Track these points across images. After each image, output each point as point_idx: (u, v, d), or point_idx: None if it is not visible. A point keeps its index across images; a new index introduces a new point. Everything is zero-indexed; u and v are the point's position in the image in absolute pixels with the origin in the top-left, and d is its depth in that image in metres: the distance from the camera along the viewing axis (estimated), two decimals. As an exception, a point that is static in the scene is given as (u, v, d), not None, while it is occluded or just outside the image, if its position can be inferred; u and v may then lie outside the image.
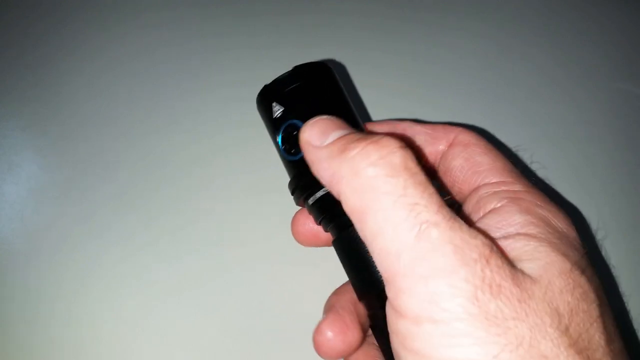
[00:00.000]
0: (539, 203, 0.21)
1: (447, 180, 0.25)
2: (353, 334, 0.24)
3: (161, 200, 0.34)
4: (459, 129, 0.26)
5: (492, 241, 0.18)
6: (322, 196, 0.23)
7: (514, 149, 0.35)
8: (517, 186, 0.22)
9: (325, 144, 0.20)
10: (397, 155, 0.19)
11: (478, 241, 0.18)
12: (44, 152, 0.36)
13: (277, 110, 0.24)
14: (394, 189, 0.18)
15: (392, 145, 0.19)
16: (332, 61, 0.38)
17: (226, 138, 0.36)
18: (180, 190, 0.35)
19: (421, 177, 0.18)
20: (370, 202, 0.18)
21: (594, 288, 0.19)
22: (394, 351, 0.19)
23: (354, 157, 0.19)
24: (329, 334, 0.24)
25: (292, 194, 0.25)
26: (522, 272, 0.18)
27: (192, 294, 0.32)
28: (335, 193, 0.20)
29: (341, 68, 0.38)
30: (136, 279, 0.33)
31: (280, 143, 0.24)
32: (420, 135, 0.26)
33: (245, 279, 0.33)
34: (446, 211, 0.18)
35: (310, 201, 0.24)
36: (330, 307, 0.25)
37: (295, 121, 0.24)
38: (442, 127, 0.26)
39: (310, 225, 0.27)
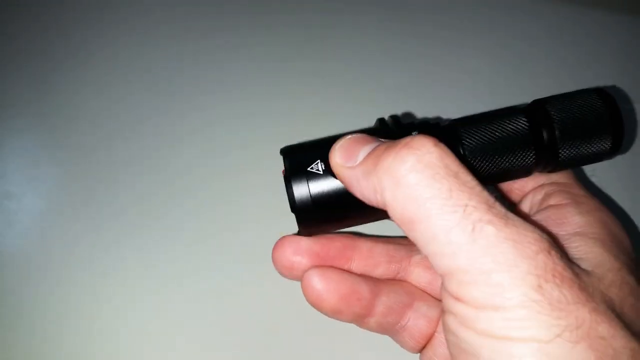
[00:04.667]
0: (597, 207, 0.23)
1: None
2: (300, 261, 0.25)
3: (180, 209, 0.35)
4: None
5: (549, 235, 0.19)
6: None
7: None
8: (580, 191, 0.24)
9: (358, 162, 0.21)
10: (433, 155, 0.18)
11: (536, 234, 0.18)
12: (63, 165, 0.37)
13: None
14: (438, 193, 0.18)
15: (427, 145, 0.19)
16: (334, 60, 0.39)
17: (242, 153, 0.37)
18: (200, 199, 0.35)
19: (464, 175, 0.19)
20: (417, 211, 0.18)
21: None
22: (450, 330, 0.19)
23: (390, 166, 0.19)
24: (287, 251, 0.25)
25: None
26: (577, 265, 0.19)
27: (208, 300, 0.33)
28: (381, 206, 0.20)
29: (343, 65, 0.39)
30: (159, 287, 0.33)
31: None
32: None
33: (248, 280, 0.33)
34: (498, 207, 0.18)
35: None
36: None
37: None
38: None
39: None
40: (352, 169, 0.21)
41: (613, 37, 0.40)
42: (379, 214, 0.24)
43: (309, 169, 0.23)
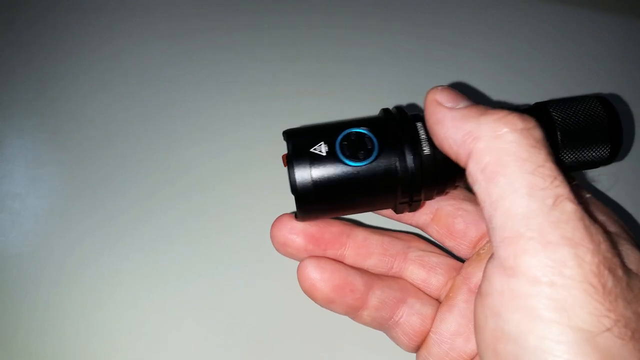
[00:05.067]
0: (605, 210, 0.24)
1: None
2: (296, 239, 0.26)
3: (184, 209, 0.35)
4: None
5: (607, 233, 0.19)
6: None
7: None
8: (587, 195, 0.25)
9: (460, 106, 0.21)
10: (539, 131, 0.19)
11: (599, 227, 0.19)
12: (66, 166, 0.37)
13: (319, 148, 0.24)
14: (535, 158, 0.19)
15: (534, 122, 0.20)
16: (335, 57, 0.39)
17: (245, 153, 0.37)
18: (203, 199, 0.36)
19: (553, 157, 0.19)
20: (508, 163, 0.19)
21: None
22: (490, 312, 0.19)
23: (497, 120, 0.19)
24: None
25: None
26: (626, 264, 0.19)
27: (210, 299, 0.33)
28: (463, 153, 0.20)
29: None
30: (163, 286, 0.33)
31: (339, 149, 0.24)
32: None
33: (247, 280, 0.34)
34: (575, 194, 0.19)
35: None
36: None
37: (358, 130, 0.24)
38: None
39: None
40: (451, 109, 0.21)
41: (614, 39, 0.40)
42: (379, 203, 0.25)
43: (311, 150, 0.23)
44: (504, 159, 0.19)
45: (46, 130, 0.38)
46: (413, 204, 0.25)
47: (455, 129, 0.20)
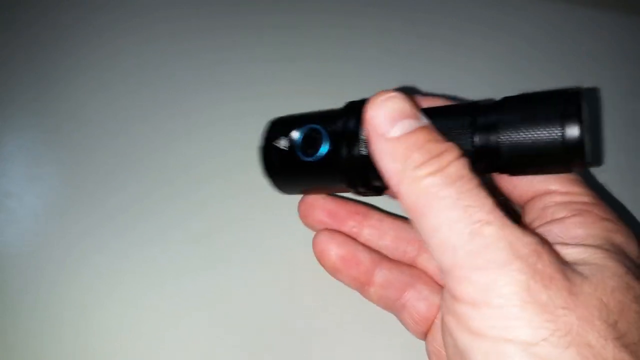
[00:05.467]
0: (604, 216, 0.23)
1: (508, 184, 0.26)
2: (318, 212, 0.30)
3: (182, 208, 0.35)
4: None
5: (544, 241, 0.20)
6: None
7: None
8: (584, 198, 0.24)
9: (390, 135, 0.22)
10: (453, 166, 0.20)
11: (530, 239, 0.19)
12: (64, 165, 0.37)
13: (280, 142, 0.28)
14: (449, 194, 0.20)
15: (450, 158, 0.21)
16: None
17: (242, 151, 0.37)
18: (201, 198, 0.35)
19: (474, 183, 0.20)
20: (427, 203, 0.20)
21: None
22: (447, 331, 0.21)
23: (415, 168, 0.21)
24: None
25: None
26: (573, 270, 0.19)
27: (209, 299, 0.33)
28: (393, 187, 0.22)
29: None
30: (160, 286, 0.33)
31: (299, 141, 0.27)
32: None
33: (248, 279, 0.34)
34: (499, 212, 0.20)
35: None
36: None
37: (316, 126, 0.27)
38: None
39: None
40: (382, 139, 0.22)
41: (614, 37, 0.41)
42: (338, 189, 0.29)
43: (275, 142, 0.28)
44: (424, 201, 0.20)
45: (44, 129, 0.38)
46: (373, 191, 0.27)
47: (382, 162, 0.22)
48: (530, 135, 0.21)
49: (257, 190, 0.35)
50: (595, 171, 0.35)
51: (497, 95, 0.31)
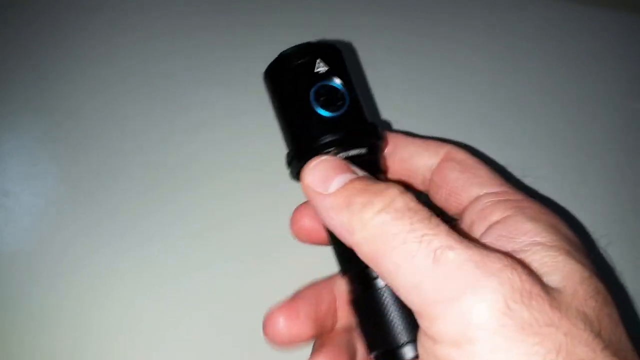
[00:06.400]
0: (542, 211, 0.22)
1: (443, 193, 0.25)
2: (301, 327, 0.25)
3: (180, 207, 0.35)
4: (450, 145, 0.26)
5: (510, 253, 0.19)
6: None
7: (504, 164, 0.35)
8: (518, 196, 0.23)
9: (329, 191, 0.21)
10: (399, 200, 0.20)
11: (498, 253, 0.18)
12: (62, 163, 0.37)
13: (321, 67, 0.26)
14: (401, 228, 0.19)
15: (394, 193, 0.20)
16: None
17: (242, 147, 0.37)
18: (199, 197, 0.35)
19: (424, 212, 0.19)
20: (382, 245, 0.19)
21: (608, 292, 0.19)
22: None
23: (361, 210, 0.20)
24: (280, 319, 0.25)
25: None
26: (545, 281, 0.18)
27: (207, 298, 0.33)
28: (346, 243, 0.21)
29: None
30: (159, 285, 0.33)
31: (313, 96, 0.25)
32: (411, 147, 0.27)
33: (247, 279, 0.34)
34: (456, 235, 0.19)
35: None
36: (294, 295, 0.26)
37: (335, 84, 0.25)
38: (433, 142, 0.27)
39: (309, 222, 0.27)
40: (322, 196, 0.21)
41: (613, 36, 0.41)
42: None
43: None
44: (377, 244, 0.19)
45: (42, 127, 0.38)
46: None
47: (330, 219, 0.21)
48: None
49: (257, 190, 0.35)
50: (582, 171, 0.35)
51: (497, 95, 0.31)
